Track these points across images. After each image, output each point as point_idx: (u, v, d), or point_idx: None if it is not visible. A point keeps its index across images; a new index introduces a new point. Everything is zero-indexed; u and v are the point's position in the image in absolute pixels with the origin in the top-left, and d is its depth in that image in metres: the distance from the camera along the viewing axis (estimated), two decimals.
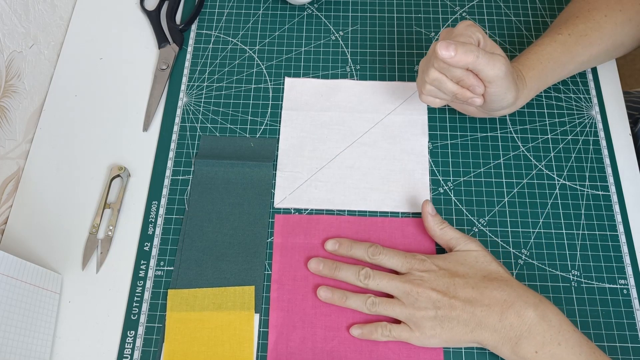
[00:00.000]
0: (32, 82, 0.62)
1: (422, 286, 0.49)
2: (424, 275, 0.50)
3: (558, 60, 0.57)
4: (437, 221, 0.54)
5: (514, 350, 0.47)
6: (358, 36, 0.67)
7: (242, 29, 0.68)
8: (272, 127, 0.62)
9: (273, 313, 0.53)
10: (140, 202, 0.59)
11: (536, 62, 0.56)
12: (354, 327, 0.52)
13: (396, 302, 0.50)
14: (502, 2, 0.69)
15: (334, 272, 0.53)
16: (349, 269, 0.53)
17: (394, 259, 0.52)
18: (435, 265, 0.51)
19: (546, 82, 0.58)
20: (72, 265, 0.56)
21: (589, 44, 0.58)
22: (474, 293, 0.48)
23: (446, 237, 0.53)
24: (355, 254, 0.54)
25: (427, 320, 0.49)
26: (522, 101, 0.57)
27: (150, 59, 0.67)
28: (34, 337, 0.50)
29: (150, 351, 0.52)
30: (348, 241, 0.55)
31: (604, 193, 0.58)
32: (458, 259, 0.51)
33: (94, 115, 0.63)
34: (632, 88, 0.80)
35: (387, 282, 0.51)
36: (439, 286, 0.49)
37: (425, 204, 0.54)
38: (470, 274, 0.50)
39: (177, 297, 0.54)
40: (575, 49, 0.57)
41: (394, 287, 0.50)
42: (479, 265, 0.50)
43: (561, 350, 0.46)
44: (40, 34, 0.63)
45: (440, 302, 0.48)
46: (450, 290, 0.49)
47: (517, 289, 0.48)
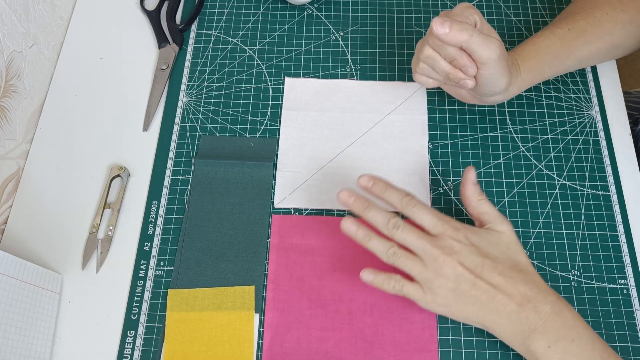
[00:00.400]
0: (32, 82, 0.62)
1: (451, 256, 0.47)
2: (454, 245, 0.48)
3: (556, 54, 0.57)
4: (477, 191, 0.51)
5: (525, 343, 0.46)
6: (358, 36, 0.67)
7: (242, 29, 0.68)
8: (272, 127, 0.62)
9: (268, 313, 0.53)
10: (140, 202, 0.59)
11: (533, 53, 0.56)
12: (366, 272, 0.49)
13: (418, 261, 0.48)
14: (502, 2, 0.69)
15: (364, 211, 0.50)
16: (379, 212, 0.49)
17: (427, 217, 0.49)
18: (468, 238, 0.48)
19: (542, 74, 0.58)
20: (72, 265, 0.56)
21: (588, 41, 0.58)
22: (500, 280, 0.47)
23: (481, 209, 0.51)
24: (388, 198, 0.50)
25: (444, 290, 0.47)
26: (515, 89, 0.56)
27: (150, 59, 0.67)
28: (34, 337, 0.50)
29: (150, 351, 0.52)
30: (384, 182, 0.51)
31: (604, 193, 0.58)
32: (491, 239, 0.49)
33: (94, 115, 0.63)
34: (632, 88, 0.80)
35: (415, 238, 0.48)
36: (467, 262, 0.47)
37: (469, 170, 0.52)
38: (500, 260, 0.48)
39: (177, 297, 0.54)
40: (574, 44, 0.57)
41: (421, 246, 0.48)
42: (509, 252, 0.49)
43: (574, 346, 0.46)
44: (40, 34, 0.63)
45: (464, 278, 0.47)
46: (477, 270, 0.47)
47: (540, 285, 0.48)
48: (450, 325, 0.53)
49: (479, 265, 0.47)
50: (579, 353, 0.45)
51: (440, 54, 0.51)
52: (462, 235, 0.48)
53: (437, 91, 0.63)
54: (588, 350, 0.46)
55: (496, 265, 0.48)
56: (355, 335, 0.52)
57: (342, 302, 0.53)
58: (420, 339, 0.52)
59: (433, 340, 0.52)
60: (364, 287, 0.54)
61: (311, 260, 0.55)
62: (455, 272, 0.47)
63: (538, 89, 0.63)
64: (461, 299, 0.47)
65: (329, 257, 0.55)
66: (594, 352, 0.46)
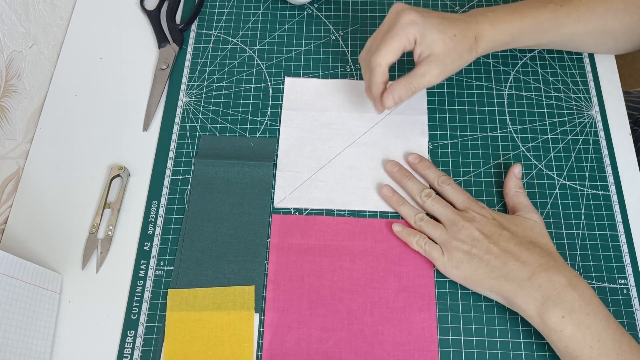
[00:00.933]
0: (32, 82, 0.62)
1: (470, 222, 0.52)
2: (476, 216, 0.52)
3: (540, 25, 0.57)
4: (517, 184, 0.55)
5: (539, 312, 0.47)
6: (358, 36, 0.67)
7: (242, 28, 0.68)
8: (272, 127, 0.62)
9: (268, 313, 0.53)
10: (140, 201, 0.59)
11: (517, 18, 0.56)
12: (396, 224, 0.56)
13: (440, 226, 0.53)
14: (502, 2, 0.69)
15: (403, 178, 0.57)
16: (416, 182, 0.57)
17: (458, 194, 0.55)
18: (491, 214, 0.53)
19: (520, 40, 0.57)
20: (72, 265, 0.56)
21: (577, 19, 0.57)
22: (514, 248, 0.50)
23: (516, 200, 0.55)
24: (429, 175, 0.57)
25: (459, 252, 0.51)
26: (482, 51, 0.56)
27: (150, 58, 0.67)
28: (34, 337, 0.50)
29: (150, 351, 0.52)
30: (428, 161, 0.58)
31: (603, 193, 0.58)
32: (515, 220, 0.53)
33: (94, 115, 0.63)
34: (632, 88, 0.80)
35: (441, 206, 0.54)
36: (485, 229, 0.51)
37: (516, 166, 0.56)
38: (520, 234, 0.51)
39: (177, 297, 0.54)
40: (562, 20, 0.57)
41: (446, 213, 0.53)
42: (532, 232, 0.52)
43: (590, 320, 0.46)
44: (40, 34, 0.63)
45: (479, 243, 0.50)
46: (494, 237, 0.51)
47: (557, 260, 0.49)
48: (450, 325, 0.53)
49: (496, 233, 0.51)
50: (593, 327, 0.46)
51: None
52: (486, 212, 0.53)
53: (437, 91, 0.63)
54: (602, 325, 0.46)
55: (514, 236, 0.51)
56: (355, 335, 0.52)
57: (342, 302, 0.53)
58: (420, 339, 0.52)
59: (433, 340, 0.52)
60: (364, 287, 0.54)
61: (311, 260, 0.55)
62: (472, 235, 0.51)
63: (538, 89, 0.63)
64: (474, 263, 0.50)
65: (329, 257, 0.55)
66: (608, 329, 0.46)
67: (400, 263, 0.55)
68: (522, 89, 0.63)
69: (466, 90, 0.63)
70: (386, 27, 0.54)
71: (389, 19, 0.54)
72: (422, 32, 0.52)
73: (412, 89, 0.54)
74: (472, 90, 0.63)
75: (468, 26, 0.54)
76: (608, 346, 0.45)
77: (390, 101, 0.54)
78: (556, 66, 0.65)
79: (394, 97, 0.54)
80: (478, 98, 0.63)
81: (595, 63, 0.65)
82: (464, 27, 0.54)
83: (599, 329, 0.45)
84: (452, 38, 0.53)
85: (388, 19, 0.54)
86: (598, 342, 0.45)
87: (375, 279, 0.54)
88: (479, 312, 0.53)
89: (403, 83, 0.54)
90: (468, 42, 0.54)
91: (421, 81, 0.53)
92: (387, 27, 0.54)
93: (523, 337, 0.52)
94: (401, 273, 0.54)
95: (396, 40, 0.52)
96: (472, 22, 0.55)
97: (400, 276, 0.54)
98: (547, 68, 0.65)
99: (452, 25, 0.53)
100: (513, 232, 0.51)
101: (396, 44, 0.52)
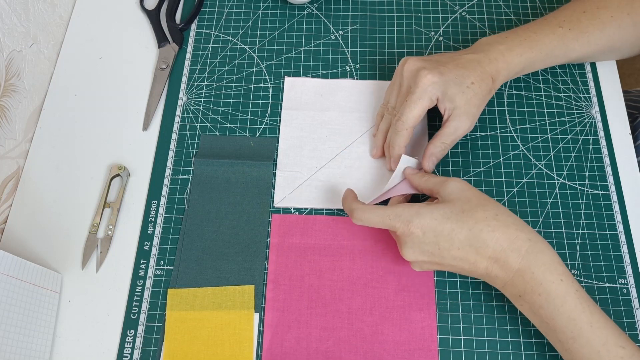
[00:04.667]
0: (32, 81, 0.62)
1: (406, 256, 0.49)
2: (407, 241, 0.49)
3: (551, 53, 0.57)
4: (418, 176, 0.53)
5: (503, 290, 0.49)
6: (358, 36, 0.67)
7: (242, 28, 0.68)
8: (271, 126, 0.62)
9: (268, 313, 0.53)
10: (140, 201, 0.59)
11: (527, 49, 0.57)
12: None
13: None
14: (502, 2, 0.69)
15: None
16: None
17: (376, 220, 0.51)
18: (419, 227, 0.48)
19: (531, 67, 0.58)
20: (72, 265, 0.56)
21: (587, 42, 0.58)
22: (460, 253, 0.47)
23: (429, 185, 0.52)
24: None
25: (426, 265, 0.50)
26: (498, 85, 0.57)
27: (150, 58, 0.67)
28: (33, 337, 0.50)
29: (150, 350, 0.52)
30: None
31: (603, 192, 0.58)
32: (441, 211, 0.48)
33: (93, 115, 0.63)
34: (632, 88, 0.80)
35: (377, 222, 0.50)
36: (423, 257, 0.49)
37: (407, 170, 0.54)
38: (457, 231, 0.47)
39: (177, 297, 0.54)
40: (572, 45, 0.58)
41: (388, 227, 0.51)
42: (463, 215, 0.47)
43: (541, 300, 0.46)
44: (40, 34, 0.63)
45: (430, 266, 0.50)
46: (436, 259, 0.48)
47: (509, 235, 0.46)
48: (450, 325, 0.53)
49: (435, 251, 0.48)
50: (545, 306, 0.46)
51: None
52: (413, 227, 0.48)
53: None
54: (556, 305, 0.46)
55: (452, 242, 0.47)
56: (355, 334, 0.52)
57: (342, 302, 0.53)
58: (420, 338, 0.52)
59: (433, 339, 0.52)
60: (364, 286, 0.54)
61: (311, 259, 0.55)
62: (422, 267, 0.50)
63: (538, 89, 0.63)
64: (442, 268, 0.50)
65: (329, 257, 0.55)
66: (563, 307, 0.45)
67: (400, 262, 0.55)
68: (522, 89, 0.63)
69: None
70: (406, 87, 0.55)
71: (407, 79, 0.55)
72: (444, 90, 0.53)
73: (447, 147, 0.55)
74: None
75: (483, 69, 0.55)
76: (562, 324, 0.45)
77: (431, 166, 0.55)
78: (556, 66, 0.65)
79: (433, 161, 0.55)
80: None
81: (595, 63, 0.65)
82: (480, 72, 0.54)
83: (551, 309, 0.46)
84: (471, 86, 0.54)
85: (407, 79, 0.55)
86: (552, 320, 0.46)
87: (375, 278, 0.54)
88: (479, 312, 0.53)
89: (438, 145, 0.55)
90: (487, 86, 0.55)
91: (455, 137, 0.55)
92: (406, 87, 0.55)
93: (523, 337, 0.52)
94: (401, 272, 0.54)
95: (420, 103, 0.53)
96: (485, 61, 0.55)
97: (400, 275, 0.54)
98: (547, 68, 0.65)
99: (469, 74, 0.54)
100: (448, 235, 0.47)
101: (420, 106, 0.53)
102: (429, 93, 0.53)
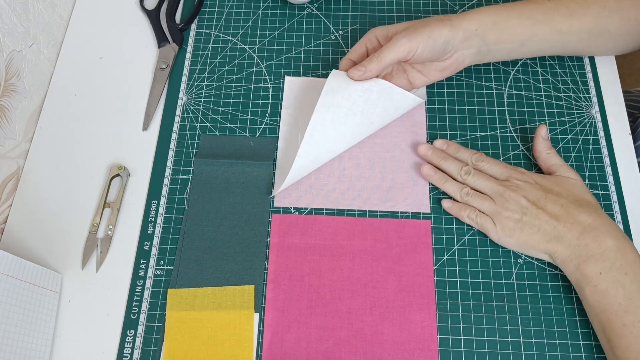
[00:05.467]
0: (32, 81, 0.62)
1: (515, 192, 0.53)
2: (519, 183, 0.53)
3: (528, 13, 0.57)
4: (547, 145, 0.56)
5: (579, 267, 0.50)
6: (358, 35, 0.67)
7: (241, 28, 0.68)
8: (271, 126, 0.62)
9: (268, 313, 0.53)
10: (140, 201, 0.59)
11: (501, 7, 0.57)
12: (445, 200, 0.56)
13: (487, 198, 0.54)
14: (502, 2, 0.69)
15: (440, 161, 0.57)
16: (453, 162, 0.57)
17: (495, 167, 0.55)
18: (533, 179, 0.54)
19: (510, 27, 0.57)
20: (72, 265, 0.56)
21: (569, 15, 0.58)
22: (561, 210, 0.51)
23: (550, 161, 0.56)
24: (460, 156, 0.58)
25: (511, 222, 0.52)
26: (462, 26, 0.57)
27: (150, 58, 0.67)
28: (33, 337, 0.50)
29: (150, 350, 0.52)
30: (456, 144, 0.58)
31: (603, 192, 0.58)
32: (556, 180, 0.54)
33: (93, 115, 0.63)
34: (632, 88, 0.80)
35: (483, 180, 0.55)
36: (530, 195, 0.52)
37: (541, 127, 0.57)
38: (564, 195, 0.52)
39: (177, 297, 0.54)
40: (551, 13, 0.58)
41: (490, 186, 0.54)
42: (574, 190, 0.53)
43: (626, 279, 0.48)
44: (40, 33, 0.63)
45: (528, 210, 0.52)
46: (540, 202, 0.52)
47: (604, 219, 0.51)
48: (450, 325, 0.53)
49: (542, 197, 0.52)
50: (627, 286, 0.47)
51: None
52: (527, 177, 0.54)
53: (437, 91, 0.63)
54: (637, 287, 0.47)
55: (558, 198, 0.52)
56: (355, 334, 0.52)
57: (342, 302, 0.53)
58: (420, 338, 0.52)
59: (433, 339, 0.52)
60: (364, 286, 0.54)
61: (311, 259, 0.55)
62: (520, 204, 0.52)
63: (538, 89, 0.63)
64: (527, 230, 0.52)
65: (329, 257, 0.55)
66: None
67: (400, 262, 0.55)
68: (522, 89, 0.63)
69: (466, 90, 0.63)
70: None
71: None
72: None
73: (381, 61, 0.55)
74: (472, 90, 0.63)
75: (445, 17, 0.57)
76: (637, 305, 0.47)
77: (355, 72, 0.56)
78: (556, 66, 0.65)
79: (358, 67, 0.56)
80: (478, 98, 0.63)
81: (595, 63, 0.65)
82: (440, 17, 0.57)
83: (632, 289, 0.47)
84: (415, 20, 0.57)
85: None
86: (628, 300, 0.47)
87: (375, 278, 0.54)
88: (479, 312, 0.53)
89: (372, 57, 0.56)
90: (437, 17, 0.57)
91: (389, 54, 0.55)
92: None
93: (523, 337, 0.52)
94: (401, 272, 0.54)
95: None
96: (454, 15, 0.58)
97: (400, 275, 0.54)
98: (547, 68, 0.65)
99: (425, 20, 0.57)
100: (557, 194, 0.52)
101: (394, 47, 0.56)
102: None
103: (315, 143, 0.55)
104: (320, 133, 0.55)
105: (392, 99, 0.57)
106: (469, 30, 0.56)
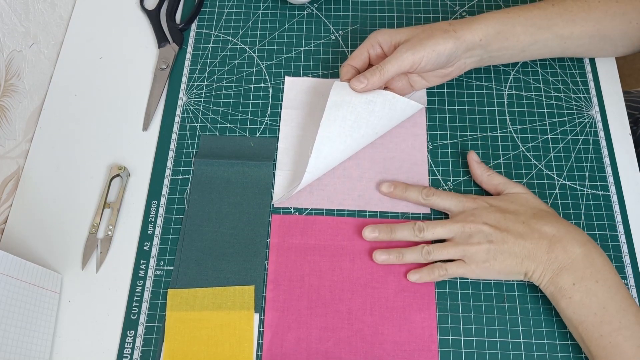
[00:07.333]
0: (32, 81, 0.62)
1: (474, 222, 0.52)
2: (475, 211, 0.52)
3: (532, 19, 0.57)
4: (484, 168, 0.57)
5: (553, 280, 0.49)
6: (358, 36, 0.67)
7: (242, 28, 0.68)
8: (271, 126, 0.62)
9: (268, 313, 0.53)
10: (140, 201, 0.59)
11: (504, 13, 0.57)
12: (411, 273, 0.53)
13: (449, 244, 0.52)
14: (501, 2, 0.69)
15: (391, 235, 0.55)
16: (403, 227, 0.54)
17: (447, 199, 0.54)
18: (487, 202, 0.53)
19: (514, 35, 0.57)
20: (72, 265, 0.56)
21: (572, 20, 0.58)
22: (524, 228, 0.51)
23: (494, 182, 0.56)
24: (409, 196, 0.56)
25: (481, 253, 0.51)
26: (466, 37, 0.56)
27: (150, 58, 0.67)
28: (33, 337, 0.50)
29: (150, 351, 0.52)
30: (403, 184, 0.57)
31: (603, 193, 0.58)
32: (508, 198, 0.54)
33: (93, 115, 0.63)
34: (632, 88, 0.80)
35: (441, 227, 0.53)
36: (490, 220, 0.51)
37: (471, 154, 0.57)
38: (521, 211, 0.52)
39: (177, 297, 0.54)
40: (555, 19, 0.58)
41: (447, 229, 0.53)
42: (529, 204, 0.53)
43: (598, 287, 0.48)
44: (40, 33, 0.63)
45: (492, 235, 0.51)
46: (501, 224, 0.51)
47: (567, 226, 0.51)
48: (450, 325, 0.53)
49: (502, 219, 0.51)
50: (600, 294, 0.47)
51: None
52: (480, 201, 0.53)
53: (437, 91, 0.63)
54: (611, 293, 0.47)
55: (517, 216, 0.52)
56: (355, 335, 0.52)
57: (342, 302, 0.53)
58: (420, 338, 0.52)
59: (433, 340, 0.52)
60: (364, 287, 0.54)
61: (311, 260, 0.55)
62: (483, 232, 0.51)
63: (538, 89, 0.63)
64: (499, 257, 0.51)
65: (329, 257, 0.55)
66: (616, 296, 0.47)
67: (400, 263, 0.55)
68: (522, 89, 0.63)
69: (466, 90, 0.63)
70: None
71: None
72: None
73: (384, 73, 0.55)
74: (472, 90, 0.63)
75: (448, 23, 0.57)
76: (611, 314, 0.47)
77: (357, 84, 0.55)
78: (556, 66, 0.65)
79: (358, 78, 0.56)
80: (478, 98, 0.63)
81: (595, 63, 0.65)
82: (442, 24, 0.57)
83: (605, 296, 0.47)
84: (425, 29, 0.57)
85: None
86: (602, 309, 0.47)
87: (375, 278, 0.54)
88: (479, 312, 0.53)
89: (373, 69, 0.56)
90: (441, 27, 0.56)
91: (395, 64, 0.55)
92: None
93: (523, 337, 0.52)
94: (401, 273, 0.54)
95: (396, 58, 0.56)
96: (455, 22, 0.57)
97: (400, 276, 0.54)
98: (547, 68, 0.65)
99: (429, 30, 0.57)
100: (515, 212, 0.52)
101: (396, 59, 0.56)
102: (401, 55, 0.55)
103: (323, 158, 0.55)
104: (327, 147, 0.55)
105: (396, 108, 0.57)
106: (473, 42, 0.56)
